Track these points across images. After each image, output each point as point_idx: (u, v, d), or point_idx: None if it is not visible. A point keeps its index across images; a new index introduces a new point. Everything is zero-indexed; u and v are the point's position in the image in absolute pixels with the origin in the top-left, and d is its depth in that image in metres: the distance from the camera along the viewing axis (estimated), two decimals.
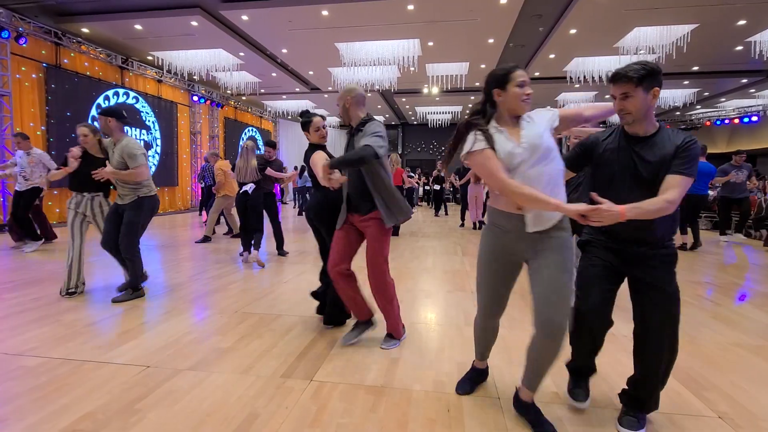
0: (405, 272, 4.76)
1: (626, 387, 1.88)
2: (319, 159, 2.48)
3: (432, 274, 4.71)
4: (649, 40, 8.51)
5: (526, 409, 1.81)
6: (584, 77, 10.61)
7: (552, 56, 10.23)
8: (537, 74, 11.90)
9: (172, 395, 1.97)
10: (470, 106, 14.15)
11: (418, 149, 21.46)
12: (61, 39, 8.74)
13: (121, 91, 10.38)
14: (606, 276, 1.79)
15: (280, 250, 5.63)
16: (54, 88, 8.63)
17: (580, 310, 1.80)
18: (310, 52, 10.22)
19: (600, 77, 10.45)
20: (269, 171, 5.19)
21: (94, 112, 9.60)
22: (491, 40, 9.20)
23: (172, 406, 1.88)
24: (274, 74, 12.07)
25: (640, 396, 1.80)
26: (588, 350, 1.93)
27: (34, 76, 8.38)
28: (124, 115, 3.58)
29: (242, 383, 2.10)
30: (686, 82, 12.38)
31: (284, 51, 10.29)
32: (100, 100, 9.75)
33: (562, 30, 8.54)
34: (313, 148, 2.80)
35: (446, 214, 12.81)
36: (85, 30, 9.10)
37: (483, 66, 11.05)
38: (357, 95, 2.51)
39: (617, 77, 1.65)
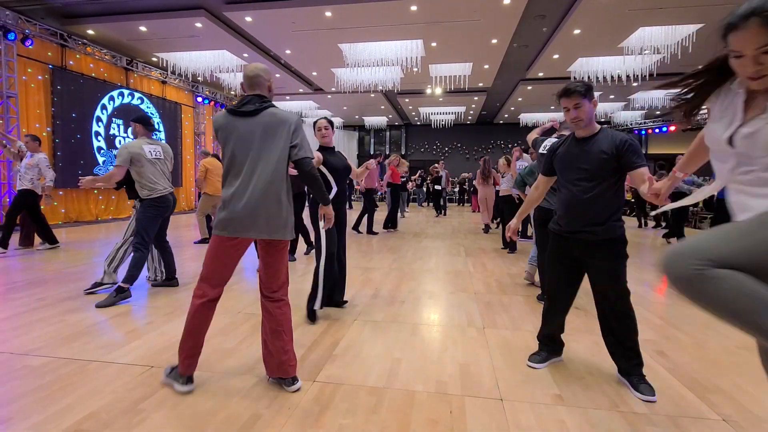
0: (408, 273, 4.76)
1: (618, 362, 2.17)
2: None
3: (435, 275, 4.71)
4: (654, 40, 8.46)
5: None
6: (588, 77, 10.56)
7: (556, 56, 10.20)
8: (541, 75, 11.88)
9: (176, 395, 1.97)
10: (473, 106, 14.19)
11: (422, 150, 21.45)
12: (66, 41, 8.81)
13: (125, 92, 10.44)
14: (563, 258, 2.27)
15: (291, 255, 5.62)
16: (60, 89, 8.70)
17: (548, 290, 2.38)
18: (314, 53, 10.25)
19: (605, 77, 10.40)
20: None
21: (99, 112, 9.67)
22: (494, 41, 9.18)
23: (176, 406, 1.88)
24: (277, 75, 12.10)
25: (632, 357, 2.11)
26: (553, 320, 2.37)
27: (40, 77, 8.45)
28: (150, 123, 3.81)
29: (245, 384, 2.10)
30: None
31: (288, 52, 10.32)
32: (104, 101, 9.82)
33: (566, 30, 8.51)
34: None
35: (444, 214, 12.80)
36: (90, 32, 9.17)
37: (486, 66, 11.04)
38: (243, 77, 2.08)
39: (570, 92, 2.05)
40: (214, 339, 2.68)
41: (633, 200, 12.52)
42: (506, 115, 18.24)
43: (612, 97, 14.42)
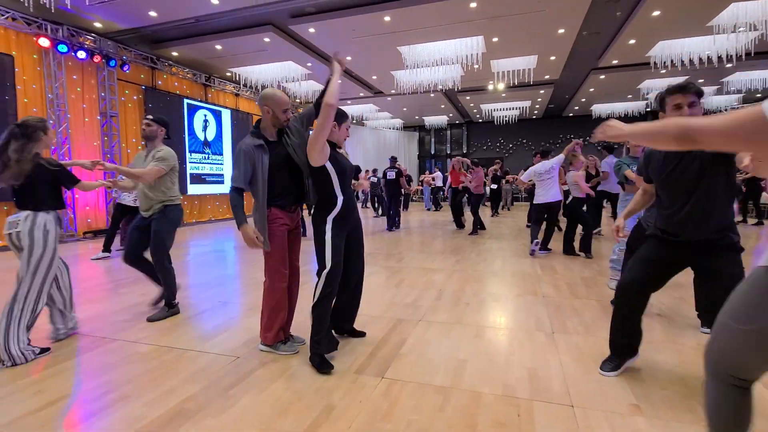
0: (471, 275, 4.72)
1: None
2: None
3: (500, 277, 4.62)
4: (750, 16, 7.50)
5: None
6: (672, 61, 9.64)
7: (632, 42, 9.44)
8: (615, 62, 11.07)
9: (259, 384, 2.18)
10: (539, 100, 13.53)
11: (484, 147, 20.92)
12: (155, 63, 9.88)
13: (205, 105, 11.44)
14: (654, 261, 2.12)
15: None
16: (151, 107, 9.76)
17: (622, 284, 2.22)
18: (374, 58, 10.47)
19: (691, 60, 9.44)
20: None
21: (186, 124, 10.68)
22: (561, 31, 8.73)
23: (260, 393, 2.08)
24: (339, 81, 12.51)
25: None
26: (622, 324, 2.23)
27: (135, 97, 9.57)
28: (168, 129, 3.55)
29: (319, 377, 2.26)
30: None
31: (348, 58, 10.64)
32: (186, 112, 10.86)
33: (643, 13, 7.86)
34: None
35: (497, 213, 12.53)
36: (174, 53, 10.18)
37: (553, 58, 10.53)
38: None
39: (688, 88, 1.92)
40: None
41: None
42: (576, 108, 17.20)
43: (701, 81, 12.99)
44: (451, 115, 18.72)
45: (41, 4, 6.01)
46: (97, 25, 8.34)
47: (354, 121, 18.76)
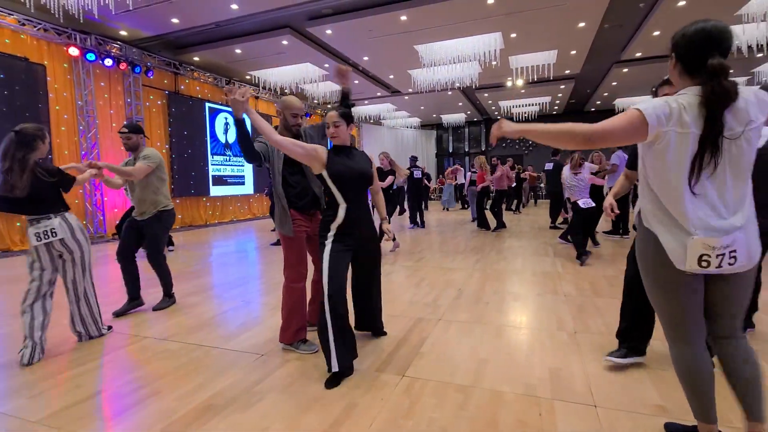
0: (491, 274, 4.70)
1: None
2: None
3: (521, 276, 4.59)
4: None
5: None
6: None
7: (656, 33, 9.19)
8: (638, 55, 10.78)
9: (284, 381, 2.24)
10: (560, 95, 13.28)
11: (503, 145, 20.66)
12: (178, 68, 10.15)
13: (226, 108, 11.70)
14: None
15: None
16: (174, 111, 10.05)
17: (626, 279, 2.36)
18: (390, 57, 10.49)
19: None
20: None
21: (208, 128, 10.94)
22: (582, 24, 8.57)
23: (284, 390, 2.14)
24: (356, 81, 12.59)
25: None
26: (630, 311, 2.32)
27: (159, 102, 9.86)
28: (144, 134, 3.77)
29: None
30: None
31: (365, 58, 10.70)
32: (207, 115, 11.12)
33: (667, 3, 7.64)
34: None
35: (519, 211, 12.37)
36: (196, 58, 10.43)
37: (573, 52, 10.33)
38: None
39: (669, 82, 2.08)
40: (312, 333, 2.94)
41: None
42: (598, 102, 16.81)
43: (731, 71, 12.50)
44: (468, 112, 18.58)
45: (70, 15, 6.26)
46: (123, 33, 8.62)
47: (371, 121, 18.81)
